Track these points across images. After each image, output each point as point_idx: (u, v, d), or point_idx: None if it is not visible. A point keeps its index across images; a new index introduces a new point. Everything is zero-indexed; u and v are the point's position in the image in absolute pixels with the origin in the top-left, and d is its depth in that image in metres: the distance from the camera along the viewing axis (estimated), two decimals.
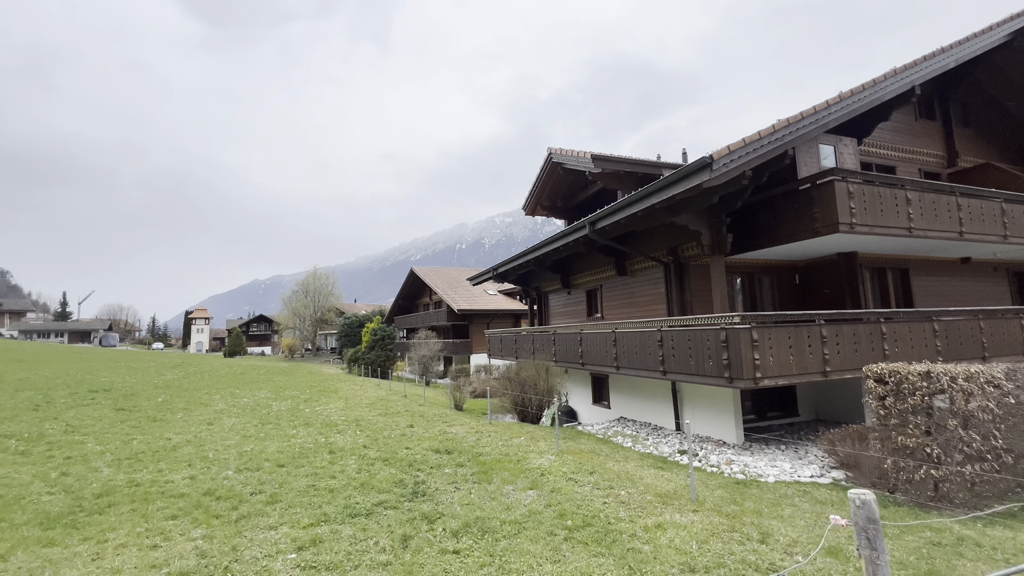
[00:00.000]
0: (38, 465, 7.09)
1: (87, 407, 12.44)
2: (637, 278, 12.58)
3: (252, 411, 12.79)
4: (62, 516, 4.97)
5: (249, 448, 8.41)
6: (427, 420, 11.84)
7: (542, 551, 4.14)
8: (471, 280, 20.54)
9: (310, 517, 4.94)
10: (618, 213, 9.60)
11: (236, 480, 6.40)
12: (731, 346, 7.58)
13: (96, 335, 71.76)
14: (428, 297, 44.76)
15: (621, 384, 13.16)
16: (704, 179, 7.33)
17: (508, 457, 7.76)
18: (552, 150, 14.21)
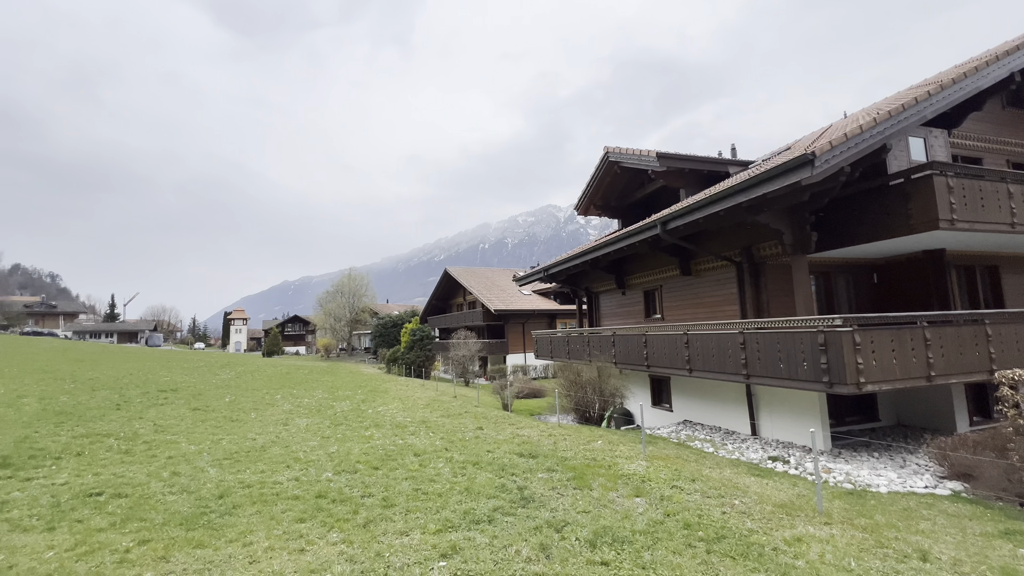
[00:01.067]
0: (144, 464, 7.35)
1: (163, 407, 12.91)
2: (703, 278, 12.28)
3: (318, 412, 13.05)
4: (195, 517, 5.12)
5: (334, 450, 8.55)
6: (492, 422, 11.84)
7: (690, 564, 4.02)
8: (518, 281, 20.51)
9: (435, 523, 4.95)
10: (695, 212, 9.37)
11: (340, 482, 6.49)
12: (831, 349, 7.28)
13: (142, 335, 74.93)
14: (462, 297, 45.02)
15: (685, 386, 12.89)
16: (804, 176, 7.06)
17: (596, 462, 7.66)
18: (609, 149, 14.03)
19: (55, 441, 8.49)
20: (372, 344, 55.02)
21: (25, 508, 5.35)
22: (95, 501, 5.62)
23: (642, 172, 14.50)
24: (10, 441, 8.33)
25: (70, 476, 6.64)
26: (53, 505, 5.47)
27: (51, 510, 5.33)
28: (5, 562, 4.00)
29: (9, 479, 6.44)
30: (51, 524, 4.91)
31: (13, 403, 12.37)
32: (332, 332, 55.29)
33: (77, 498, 5.70)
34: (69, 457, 7.58)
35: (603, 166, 14.53)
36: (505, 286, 41.93)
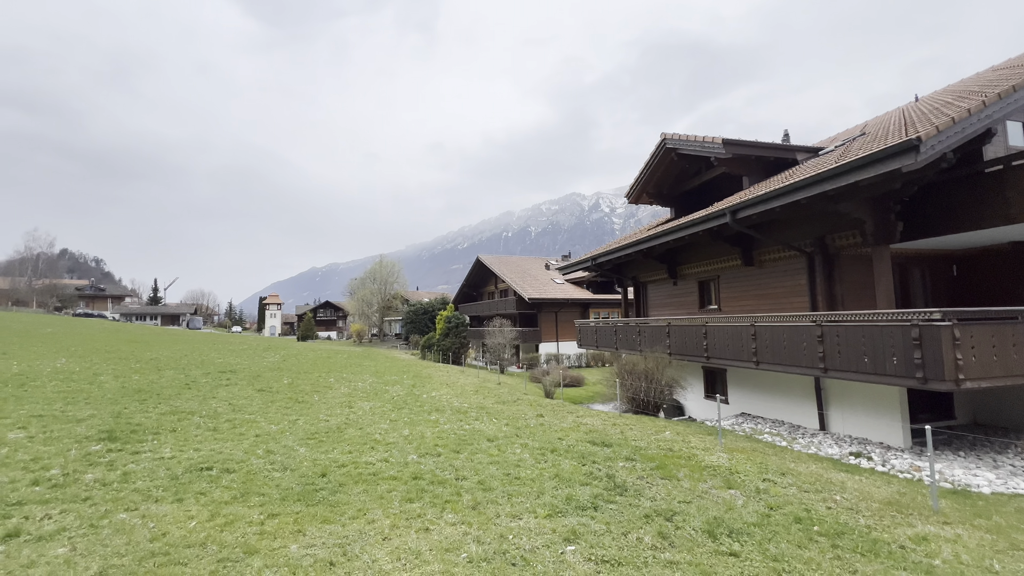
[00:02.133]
0: (235, 442, 7.67)
1: (228, 387, 13.43)
2: (767, 269, 11.97)
3: (375, 395, 13.36)
4: (308, 494, 5.32)
5: (407, 433, 8.74)
6: (549, 410, 11.91)
7: (821, 558, 3.98)
8: (560, 269, 20.42)
9: (542, 507, 5.02)
10: (773, 200, 9.08)
11: (429, 465, 6.63)
12: (926, 344, 7.00)
13: (184, 318, 78.02)
14: (493, 285, 45.19)
15: (744, 378, 12.67)
16: (906, 163, 6.75)
17: (674, 453, 7.62)
18: (666, 136, 13.71)
19: (147, 417, 8.94)
20: (403, 330, 55.93)
21: (148, 480, 5.66)
22: (208, 475, 5.90)
23: (699, 159, 14.15)
24: (108, 416, 8.81)
25: (173, 450, 6.98)
26: (171, 477, 5.77)
27: (171, 482, 5.63)
28: (157, 529, 4.24)
29: (120, 451, 6.81)
30: (178, 495, 5.18)
31: (93, 380, 13.06)
32: (364, 318, 56.38)
33: (190, 472, 6.00)
34: (165, 433, 7.96)
35: (659, 153, 14.22)
36: (537, 274, 41.88)
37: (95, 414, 8.96)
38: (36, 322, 40.82)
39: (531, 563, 3.76)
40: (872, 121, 14.70)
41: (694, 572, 3.68)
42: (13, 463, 6.03)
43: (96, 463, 6.25)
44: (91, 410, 9.28)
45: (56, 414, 8.79)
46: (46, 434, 7.41)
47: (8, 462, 6.04)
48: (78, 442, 7.12)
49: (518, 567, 3.70)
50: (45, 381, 12.49)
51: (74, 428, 7.87)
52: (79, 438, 7.30)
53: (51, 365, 15.70)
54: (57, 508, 4.68)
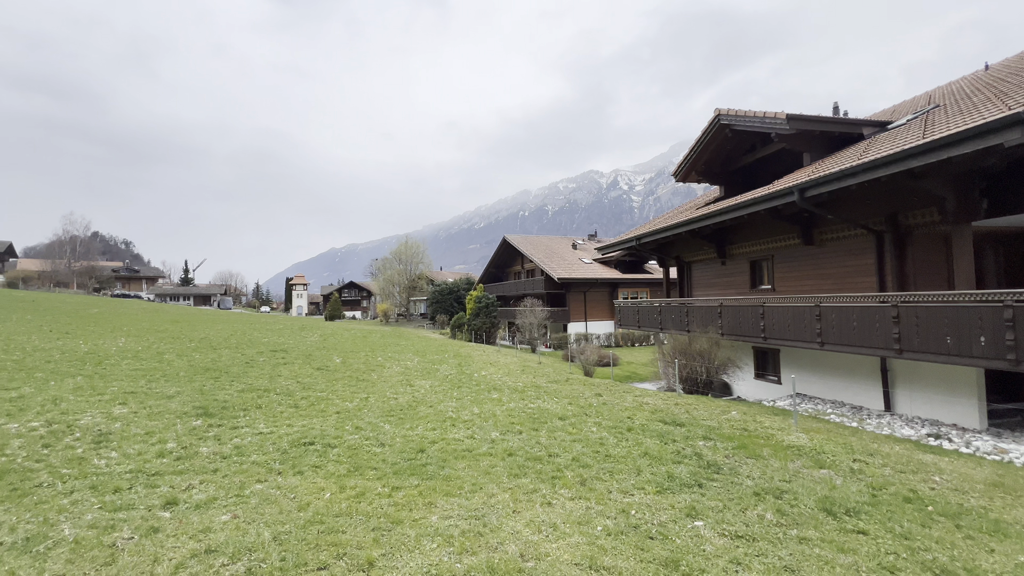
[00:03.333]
0: (319, 418, 7.98)
1: (287, 366, 13.87)
2: (828, 248, 11.72)
3: (428, 374, 13.67)
4: (416, 468, 5.55)
5: (477, 411, 8.97)
6: (605, 390, 12.04)
7: (953, 538, 4.02)
8: (600, 249, 20.31)
9: (647, 484, 5.15)
10: (849, 178, 8.82)
11: (515, 442, 6.82)
12: (1020, 326, 6.84)
13: (215, 299, 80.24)
14: (520, 265, 45.19)
15: (799, 358, 12.58)
16: (1010, 138, 6.47)
17: (749, 432, 7.68)
18: (721, 111, 13.35)
19: (228, 395, 9.33)
20: (428, 310, 56.61)
21: (261, 453, 5.96)
22: (313, 450, 6.19)
23: (754, 135, 13.77)
24: (193, 393, 9.24)
25: (268, 426, 7.32)
26: (280, 451, 6.07)
27: (282, 455, 5.92)
28: (297, 500, 4.50)
29: (220, 427, 7.17)
30: (296, 469, 5.46)
31: (159, 359, 13.63)
32: (390, 298, 57.17)
33: (296, 446, 6.30)
34: (252, 409, 8.33)
35: (712, 130, 13.87)
36: (564, 254, 41.71)
37: (180, 391, 9.40)
38: (81, 303, 42.41)
39: (669, 537, 3.89)
40: (936, 91, 14.05)
41: (830, 549, 3.76)
42: (131, 436, 6.40)
43: (204, 437, 6.60)
44: (174, 387, 9.73)
45: (145, 391, 9.25)
46: (147, 409, 7.83)
47: (127, 435, 6.42)
48: (179, 417, 7.51)
49: (657, 540, 3.83)
50: (117, 360, 13.08)
51: (168, 404, 8.29)
52: (178, 414, 7.69)
53: (114, 344, 16.39)
54: (194, 479, 4.99)
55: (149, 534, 3.67)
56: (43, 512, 4.00)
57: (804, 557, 3.61)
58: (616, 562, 3.46)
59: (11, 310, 28.81)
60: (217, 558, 3.32)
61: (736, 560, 3.54)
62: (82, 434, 6.33)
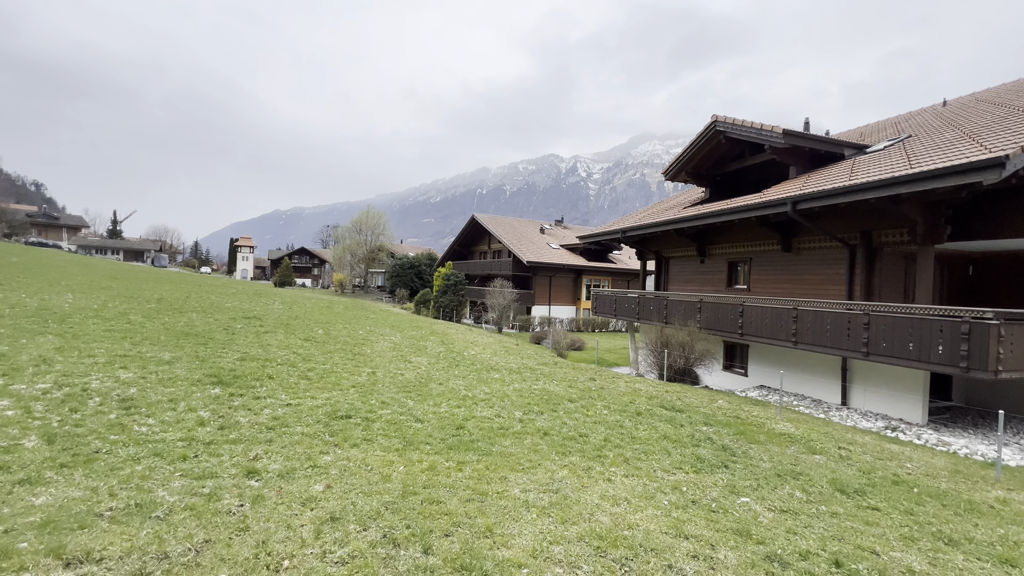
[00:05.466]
0: (339, 392, 7.93)
1: (271, 334, 13.39)
2: (804, 256, 12.86)
3: (418, 351, 13.71)
4: (466, 444, 5.79)
5: (488, 390, 9.25)
6: (595, 374, 12.67)
7: (944, 514, 4.86)
8: (584, 238, 20.88)
9: (684, 464, 5.72)
10: (840, 196, 9.75)
11: (542, 422, 7.20)
12: (975, 338, 8.02)
13: (148, 255, 74.13)
14: (486, 245, 45.21)
15: (766, 353, 13.80)
16: (989, 178, 7.48)
17: (741, 420, 8.52)
18: (718, 118, 14.06)
19: (230, 364, 9.00)
20: (388, 283, 55.51)
21: (304, 425, 5.96)
22: (354, 423, 6.25)
23: (743, 144, 14.64)
24: (192, 359, 8.85)
25: (290, 397, 7.23)
26: (322, 424, 6.09)
27: (325, 428, 5.95)
28: (376, 472, 4.63)
29: (241, 396, 7.00)
30: (351, 442, 5.54)
31: (126, 320, 12.75)
32: (348, 268, 55.43)
33: (334, 419, 6.33)
34: (264, 379, 8.14)
35: (707, 135, 14.60)
36: (532, 237, 42.18)
37: (176, 357, 8.96)
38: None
39: (728, 511, 4.44)
40: (902, 119, 15.51)
41: (858, 522, 4.46)
42: (156, 403, 6.16)
43: (232, 406, 6.45)
44: (167, 352, 9.25)
45: (136, 355, 8.74)
46: (154, 375, 7.47)
47: (151, 402, 6.16)
48: (193, 385, 7.24)
49: (720, 514, 4.37)
50: (80, 319, 12.12)
51: (172, 370, 7.93)
52: (191, 381, 7.40)
53: (63, 301, 15.08)
54: (254, 448, 4.97)
55: (257, 502, 3.71)
56: (127, 479, 3.91)
57: (842, 529, 4.27)
58: (696, 531, 3.95)
59: None
60: (347, 524, 3.46)
61: (791, 530, 4.13)
62: (102, 399, 6.01)
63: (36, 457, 4.11)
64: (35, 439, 4.51)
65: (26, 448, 4.31)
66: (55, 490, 3.59)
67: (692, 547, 3.66)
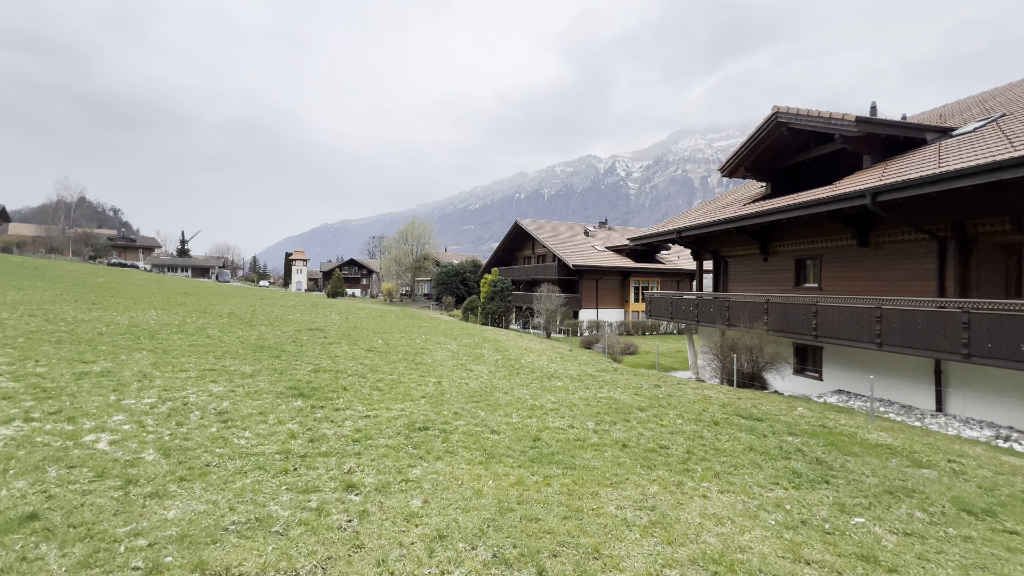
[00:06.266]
0: (411, 402, 8.06)
1: (336, 345, 13.90)
2: (884, 251, 11.98)
3: (476, 359, 13.82)
4: (545, 457, 5.72)
5: (554, 399, 9.15)
6: (659, 380, 12.30)
7: None
8: (635, 240, 20.42)
9: (781, 479, 5.39)
10: (931, 185, 8.98)
11: (617, 433, 7.02)
12: None
13: (212, 271, 79.28)
14: (530, 250, 45.24)
15: (843, 356, 12.93)
16: None
17: (828, 429, 7.97)
18: (779, 109, 13.39)
19: (306, 376, 9.38)
20: (434, 291, 56.60)
21: (386, 437, 6.08)
22: (432, 435, 6.32)
23: (808, 134, 13.88)
24: (271, 372, 9.29)
25: (366, 409, 7.42)
26: (403, 436, 6.19)
27: (407, 440, 6.04)
28: (468, 487, 4.64)
29: (322, 408, 7.25)
30: (434, 454, 5.59)
31: (205, 335, 13.58)
32: (396, 277, 56.99)
33: (413, 431, 6.42)
34: (340, 391, 8.42)
35: (767, 127, 13.93)
36: (576, 240, 41.81)
37: (256, 370, 9.43)
38: (83, 271, 41.62)
39: (844, 532, 4.13)
40: (987, 96, 14.22)
41: (998, 548, 4.02)
42: (248, 416, 6.47)
43: (316, 418, 6.69)
44: (247, 365, 9.76)
45: (222, 369, 9.26)
46: (242, 388, 7.89)
47: (244, 415, 6.48)
48: (277, 397, 7.58)
49: (836, 536, 4.06)
50: (167, 335, 13.03)
51: (256, 383, 8.34)
52: (275, 394, 7.76)
53: (149, 318, 16.27)
54: (347, 461, 5.11)
55: (363, 517, 3.80)
56: (240, 492, 4.10)
57: (981, 556, 3.86)
58: (816, 555, 3.68)
59: (18, 276, 28.23)
60: (455, 543, 3.47)
61: (922, 556, 3.78)
62: (202, 413, 6.39)
63: (158, 471, 4.39)
64: (153, 452, 4.83)
65: (147, 461, 4.61)
66: (181, 503, 3.81)
67: (816, 574, 3.41)
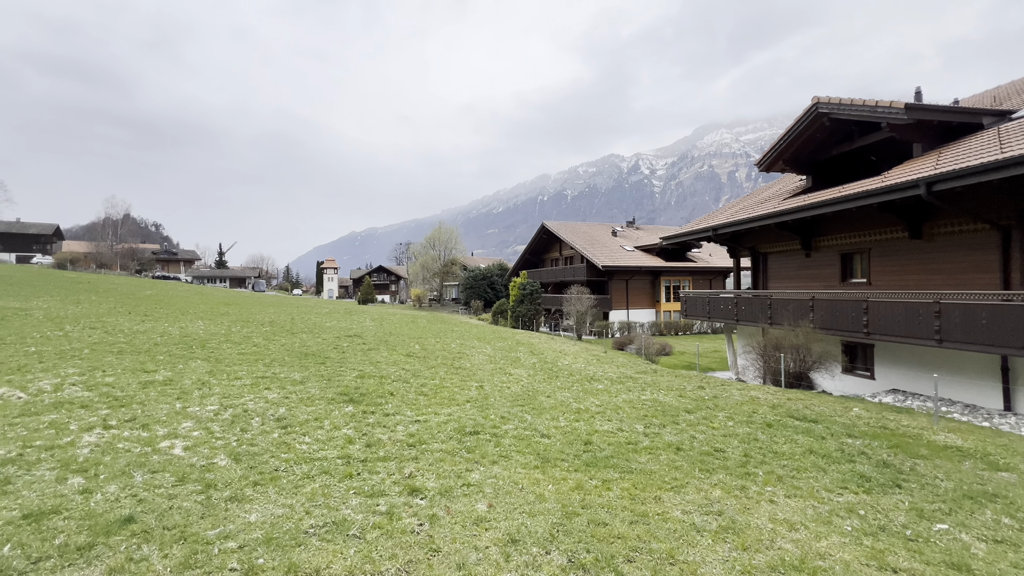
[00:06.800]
0: (457, 406, 8.13)
1: (375, 351, 14.18)
2: (939, 242, 11.42)
3: (514, 362, 13.85)
4: (600, 461, 5.68)
5: (597, 402, 9.07)
6: (703, 381, 12.06)
7: None
8: (668, 239, 20.09)
9: (851, 484, 5.20)
10: (994, 172, 8.51)
11: (668, 436, 6.91)
12: None
13: (249, 281, 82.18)
14: (558, 252, 45.07)
15: (897, 353, 12.38)
16: None
17: (892, 431, 7.63)
18: (819, 99, 12.96)
19: (353, 382, 9.59)
20: (461, 295, 57.08)
21: (439, 442, 6.15)
22: (484, 439, 6.36)
23: (850, 125, 13.38)
24: (319, 379, 9.55)
25: (415, 413, 7.52)
26: (456, 440, 6.25)
27: (460, 445, 6.10)
28: (531, 491, 4.66)
29: (373, 413, 7.40)
30: (489, 458, 5.63)
31: (251, 343, 14.06)
32: (425, 283, 57.74)
33: (464, 435, 6.48)
34: (387, 396, 8.57)
35: (807, 118, 13.50)
36: (605, 241, 41.44)
37: (305, 376, 9.71)
38: (131, 284, 43.77)
39: (928, 539, 3.95)
40: None
41: None
42: (305, 422, 6.66)
43: (369, 423, 6.82)
44: (296, 372, 10.05)
45: (273, 376, 9.57)
46: (295, 395, 8.13)
47: (300, 421, 6.68)
48: (329, 403, 7.78)
49: (920, 543, 3.89)
50: (216, 344, 13.55)
51: (307, 390, 8.59)
52: (326, 400, 7.97)
53: (198, 328, 16.96)
54: (406, 466, 5.20)
55: (433, 521, 3.86)
56: (312, 496, 4.23)
57: None
58: (902, 563, 3.53)
59: (75, 291, 29.88)
60: (528, 547, 3.49)
61: (1017, 565, 3.58)
62: (262, 419, 6.62)
63: (233, 475, 4.58)
64: (225, 458, 5.04)
65: (221, 467, 4.81)
66: (260, 507, 3.96)
67: None
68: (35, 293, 25.19)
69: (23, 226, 69.51)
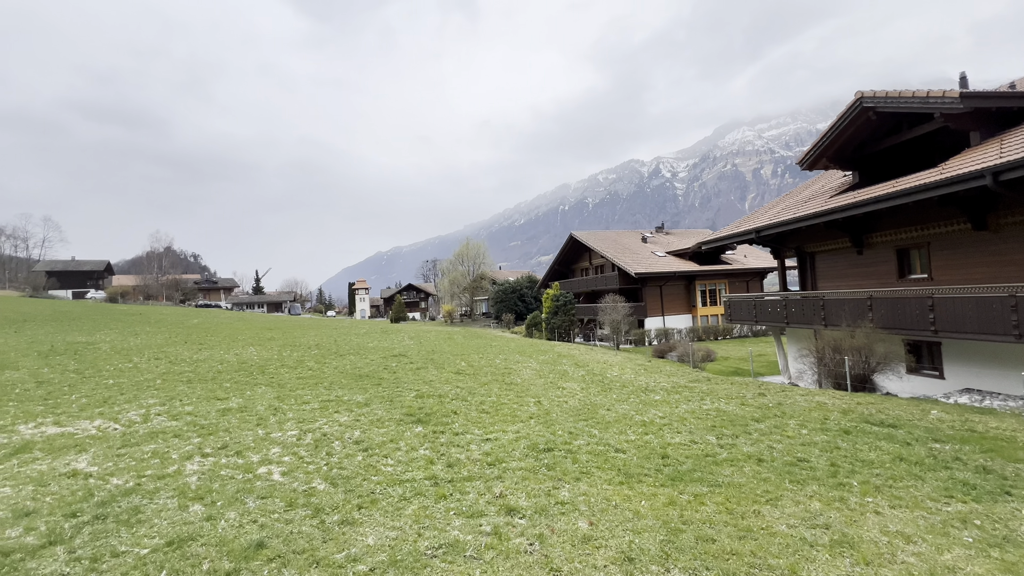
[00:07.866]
0: (522, 423, 8.17)
1: (424, 370, 14.39)
2: (1007, 233, 10.92)
3: (563, 376, 13.83)
4: (683, 475, 5.63)
5: (660, 414, 8.97)
6: (762, 388, 11.77)
7: None
8: (707, 243, 19.81)
9: (956, 492, 5.00)
10: None
11: (746, 447, 6.78)
12: None
13: (285, 305, 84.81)
14: (587, 261, 44.94)
15: (964, 352, 11.81)
16: None
17: (982, 435, 7.27)
18: (863, 93, 12.68)
19: (416, 402, 9.78)
20: (492, 309, 57.37)
21: (517, 460, 6.21)
22: (560, 456, 6.37)
23: (899, 117, 13.02)
24: (383, 400, 9.78)
25: (485, 432, 7.59)
26: (531, 457, 6.31)
27: (538, 462, 6.15)
28: (627, 508, 4.66)
29: (443, 433, 7.52)
30: (571, 476, 5.66)
31: (304, 367, 14.50)
32: (455, 298, 58.34)
33: (540, 452, 6.51)
34: (451, 415, 8.71)
35: (851, 114, 13.20)
36: (635, 248, 41.10)
37: (368, 399, 9.96)
38: (178, 314, 45.77)
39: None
40: None
41: None
42: (382, 444, 6.83)
43: (443, 443, 6.94)
44: (357, 395, 10.33)
45: (338, 399, 9.86)
46: (365, 417, 8.36)
47: (377, 443, 6.85)
48: (398, 424, 7.96)
49: None
50: (274, 369, 14.03)
51: (374, 411, 8.81)
52: (395, 421, 8.16)
53: (251, 355, 17.58)
54: (493, 485, 5.28)
55: (542, 540, 3.91)
56: (416, 518, 4.35)
57: None
58: None
59: (131, 323, 31.39)
60: (647, 564, 3.50)
61: None
62: (341, 443, 6.84)
63: (335, 500, 4.75)
64: (322, 482, 5.23)
65: (321, 491, 5.00)
66: (372, 530, 4.10)
67: None
68: (96, 327, 26.64)
69: (78, 264, 73.89)
